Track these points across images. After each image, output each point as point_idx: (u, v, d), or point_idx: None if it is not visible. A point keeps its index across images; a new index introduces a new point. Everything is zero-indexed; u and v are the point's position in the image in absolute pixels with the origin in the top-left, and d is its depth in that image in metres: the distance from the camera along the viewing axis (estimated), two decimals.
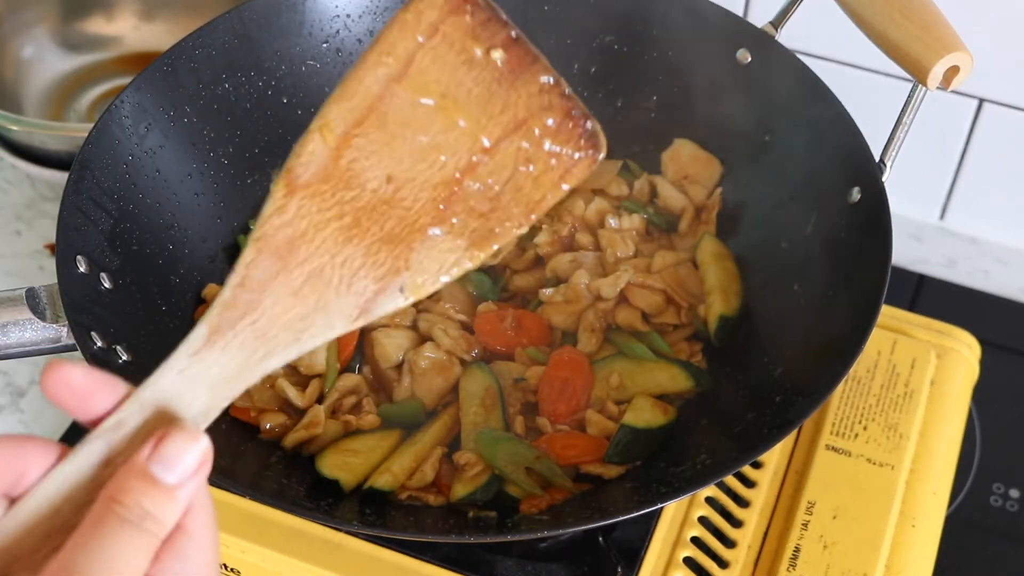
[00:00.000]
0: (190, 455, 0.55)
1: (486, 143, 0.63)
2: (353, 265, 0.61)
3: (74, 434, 1.15)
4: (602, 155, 0.64)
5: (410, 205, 0.62)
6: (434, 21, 0.62)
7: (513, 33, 0.63)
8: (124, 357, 0.87)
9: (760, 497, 0.98)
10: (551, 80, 0.64)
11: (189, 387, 0.58)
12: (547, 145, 0.63)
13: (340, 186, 0.61)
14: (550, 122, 0.63)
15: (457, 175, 0.63)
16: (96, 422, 0.56)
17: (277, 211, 0.61)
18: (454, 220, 0.63)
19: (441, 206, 0.63)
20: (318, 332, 0.60)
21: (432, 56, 0.62)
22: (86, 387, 0.56)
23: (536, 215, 0.64)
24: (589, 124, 0.64)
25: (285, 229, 0.61)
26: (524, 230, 0.64)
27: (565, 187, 0.64)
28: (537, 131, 0.63)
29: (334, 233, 0.61)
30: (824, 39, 1.24)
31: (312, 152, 0.61)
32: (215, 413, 0.59)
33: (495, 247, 0.63)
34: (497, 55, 0.63)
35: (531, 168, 0.63)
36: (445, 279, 0.63)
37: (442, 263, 0.63)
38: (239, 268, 0.60)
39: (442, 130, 0.63)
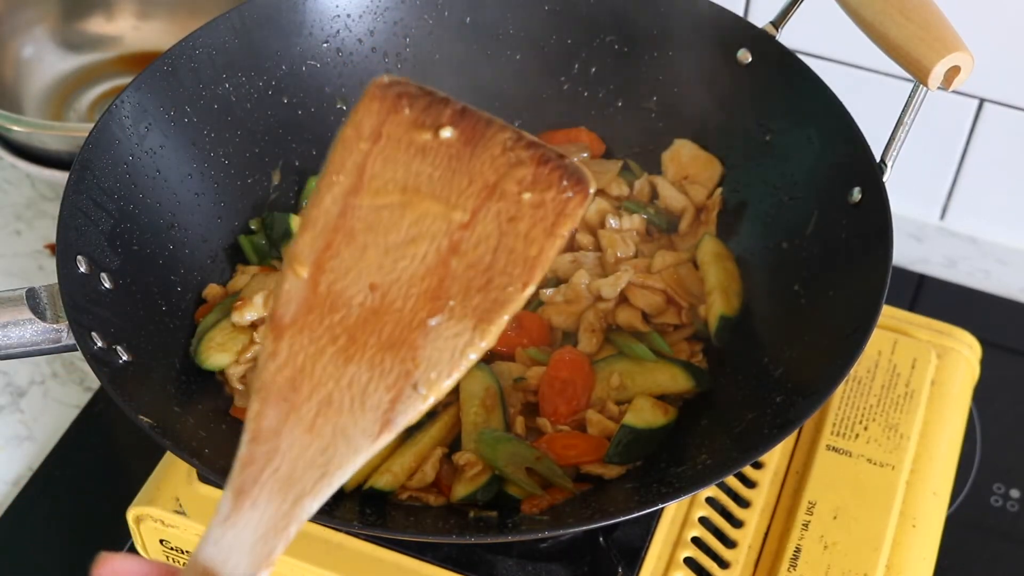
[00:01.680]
0: None
1: (463, 219, 0.61)
2: (361, 382, 0.59)
3: (75, 435, 1.15)
4: (592, 188, 0.61)
5: (401, 305, 0.60)
6: (375, 127, 0.61)
7: (458, 107, 0.61)
8: (124, 357, 0.87)
9: (761, 497, 0.98)
10: (511, 137, 0.61)
11: (228, 555, 0.57)
12: (527, 197, 0.61)
13: (326, 311, 0.60)
14: (524, 175, 0.61)
15: (441, 260, 0.60)
16: None
17: (270, 357, 0.59)
18: (451, 304, 0.60)
19: (434, 295, 0.60)
20: (344, 461, 0.59)
21: (382, 159, 0.61)
22: None
23: (539, 271, 0.61)
24: (567, 162, 0.61)
25: (283, 371, 0.59)
26: (532, 290, 0.61)
27: (563, 232, 0.61)
28: (513, 188, 0.61)
29: (333, 358, 0.59)
30: (824, 39, 1.24)
31: (289, 290, 0.60)
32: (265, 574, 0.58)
33: (506, 317, 0.61)
34: (447, 133, 0.61)
35: (518, 226, 0.61)
36: (464, 365, 0.60)
37: (453, 350, 0.60)
38: (248, 423, 0.59)
39: (413, 223, 0.61)
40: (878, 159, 0.92)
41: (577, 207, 0.61)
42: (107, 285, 0.90)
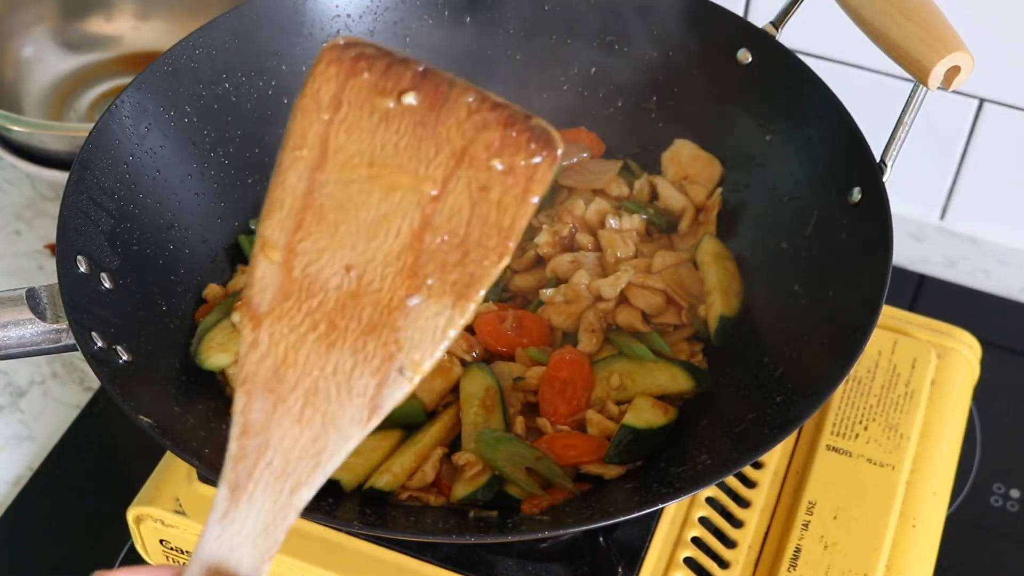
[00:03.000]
0: None
1: (433, 191, 0.59)
2: (345, 369, 0.58)
3: (75, 435, 1.15)
4: (560, 150, 0.59)
5: (379, 286, 0.59)
6: (335, 94, 0.58)
7: (420, 68, 0.59)
8: (124, 357, 0.87)
9: (761, 497, 0.98)
10: (475, 98, 0.59)
11: (231, 551, 0.57)
12: (497, 164, 0.59)
13: (303, 297, 0.58)
14: (491, 140, 0.59)
15: (415, 236, 0.59)
16: None
17: (251, 347, 0.58)
18: (429, 281, 0.59)
19: (411, 273, 0.59)
20: (336, 449, 0.58)
21: (345, 129, 0.59)
22: None
23: (513, 240, 0.59)
24: (533, 122, 0.59)
25: (265, 361, 0.58)
26: (507, 261, 0.60)
27: (534, 199, 0.59)
28: (481, 155, 0.59)
29: (315, 345, 0.58)
30: (824, 39, 1.24)
31: (263, 276, 0.59)
32: (267, 568, 0.58)
33: (482, 292, 0.59)
34: (410, 98, 0.59)
35: (490, 195, 0.59)
36: (444, 344, 0.59)
37: (434, 330, 0.59)
38: (235, 417, 0.58)
39: (383, 198, 0.59)
40: (878, 159, 0.92)
41: (547, 171, 0.59)
42: (107, 285, 0.90)
